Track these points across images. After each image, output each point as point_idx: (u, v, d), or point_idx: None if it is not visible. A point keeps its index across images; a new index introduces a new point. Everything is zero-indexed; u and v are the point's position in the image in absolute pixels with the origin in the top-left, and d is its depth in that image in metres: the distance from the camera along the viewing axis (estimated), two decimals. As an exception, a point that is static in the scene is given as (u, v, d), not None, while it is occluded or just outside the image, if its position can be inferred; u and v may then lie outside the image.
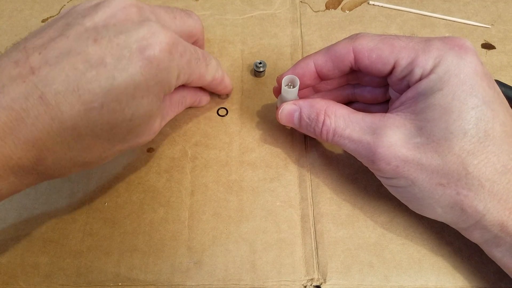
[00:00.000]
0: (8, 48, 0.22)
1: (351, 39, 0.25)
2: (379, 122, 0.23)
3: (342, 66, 0.26)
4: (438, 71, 0.22)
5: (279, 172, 0.30)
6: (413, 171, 0.22)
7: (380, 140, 0.23)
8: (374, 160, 0.23)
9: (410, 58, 0.23)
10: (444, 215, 0.23)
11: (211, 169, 0.30)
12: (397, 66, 0.23)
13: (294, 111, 0.27)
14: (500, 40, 0.37)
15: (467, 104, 0.21)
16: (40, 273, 0.26)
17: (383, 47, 0.24)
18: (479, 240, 0.23)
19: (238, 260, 0.27)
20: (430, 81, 0.22)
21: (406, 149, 0.22)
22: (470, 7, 0.39)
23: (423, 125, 0.22)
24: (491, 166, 0.21)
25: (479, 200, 0.21)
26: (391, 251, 0.27)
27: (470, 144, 0.21)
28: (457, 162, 0.21)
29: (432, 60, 0.22)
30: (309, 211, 0.29)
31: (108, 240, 0.27)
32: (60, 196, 0.29)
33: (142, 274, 0.26)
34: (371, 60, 0.24)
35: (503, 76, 0.35)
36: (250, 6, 0.39)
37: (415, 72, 0.23)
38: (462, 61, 0.22)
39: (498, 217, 0.21)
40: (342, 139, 0.25)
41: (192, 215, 0.29)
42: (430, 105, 0.22)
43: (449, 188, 0.22)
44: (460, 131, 0.21)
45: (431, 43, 0.23)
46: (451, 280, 0.26)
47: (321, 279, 0.26)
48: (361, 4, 0.39)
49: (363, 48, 0.24)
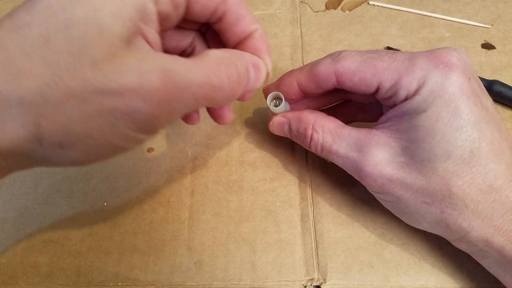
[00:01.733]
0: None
1: (333, 59, 0.24)
2: (365, 139, 0.23)
3: (326, 87, 0.25)
4: (422, 92, 0.21)
5: (279, 172, 0.30)
6: (398, 189, 0.22)
7: (365, 158, 0.23)
8: (361, 177, 0.24)
9: (393, 80, 0.22)
10: (430, 229, 0.24)
11: (211, 169, 0.30)
12: (381, 88, 0.23)
13: (284, 123, 0.27)
14: (500, 40, 0.37)
15: (451, 126, 0.21)
16: (40, 273, 0.26)
17: (365, 69, 0.23)
18: (467, 251, 0.24)
19: (238, 260, 0.27)
20: (414, 103, 0.22)
21: (390, 168, 0.22)
22: (470, 7, 0.39)
23: (407, 145, 0.22)
24: (476, 186, 0.21)
25: (463, 219, 0.21)
26: (391, 251, 0.27)
27: (455, 166, 0.21)
28: (440, 183, 0.21)
29: (416, 81, 0.22)
30: (309, 211, 0.29)
31: (108, 240, 0.27)
32: (60, 196, 0.29)
33: (142, 274, 0.26)
34: (354, 83, 0.24)
35: (503, 76, 0.35)
36: (250, 6, 0.39)
37: (399, 94, 0.22)
38: (447, 81, 0.21)
39: (483, 234, 0.21)
40: (330, 154, 0.25)
41: (192, 215, 0.29)
42: (414, 126, 0.21)
43: (433, 207, 0.22)
44: (443, 153, 0.21)
45: (415, 62, 0.22)
46: (451, 280, 0.26)
47: (321, 279, 0.26)
48: (361, 4, 0.39)
49: (345, 71, 0.24)
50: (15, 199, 0.29)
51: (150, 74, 0.16)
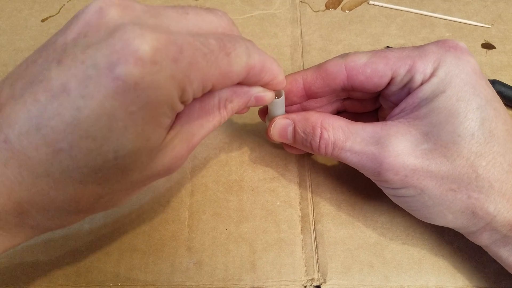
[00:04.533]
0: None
1: (341, 57, 0.24)
2: (381, 131, 0.22)
3: (334, 85, 0.24)
4: (439, 73, 0.21)
5: (279, 172, 0.30)
6: (422, 180, 0.22)
7: (386, 150, 0.22)
8: (380, 172, 0.22)
9: (407, 65, 0.22)
10: (454, 221, 0.23)
11: (211, 169, 0.30)
12: (395, 76, 0.23)
13: (288, 125, 0.25)
14: (500, 40, 0.37)
15: (471, 104, 0.21)
16: (40, 273, 0.26)
17: (377, 60, 0.23)
18: (486, 242, 0.23)
19: (238, 260, 0.27)
20: (432, 85, 0.21)
21: (414, 157, 0.22)
22: (470, 7, 0.39)
23: (429, 130, 0.21)
24: (499, 166, 0.21)
25: (490, 201, 0.21)
26: (391, 251, 0.27)
27: (478, 146, 0.21)
28: (466, 165, 0.21)
29: (431, 63, 0.22)
30: (309, 211, 0.29)
31: (108, 240, 0.27)
32: (60, 196, 0.29)
33: (142, 274, 0.26)
34: (366, 75, 0.23)
35: (503, 76, 0.35)
36: (250, 6, 0.39)
37: (416, 78, 0.22)
38: (461, 61, 0.21)
39: (508, 217, 0.21)
40: (343, 152, 0.24)
41: (192, 215, 0.28)
42: (434, 108, 0.21)
43: (460, 193, 0.21)
44: (467, 133, 0.21)
45: (425, 48, 0.22)
46: (451, 280, 0.26)
47: (321, 279, 0.26)
48: (361, 4, 0.39)
49: (356, 64, 0.23)
50: (15, 199, 0.29)
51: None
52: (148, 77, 0.16)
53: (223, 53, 0.18)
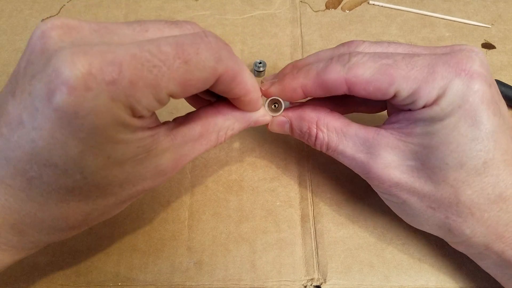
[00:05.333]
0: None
1: (343, 66, 0.22)
2: (373, 140, 0.23)
3: (334, 93, 0.23)
4: (442, 103, 0.20)
5: (279, 172, 0.30)
6: (405, 193, 0.22)
7: (374, 160, 0.22)
8: (368, 178, 0.24)
9: (411, 89, 0.21)
10: (431, 231, 0.24)
11: (211, 169, 0.30)
12: (397, 96, 0.21)
13: (285, 123, 0.25)
14: (500, 40, 0.37)
15: (467, 136, 0.20)
16: (40, 273, 0.26)
17: (381, 78, 0.21)
18: (465, 252, 0.24)
19: (238, 260, 0.27)
20: (432, 112, 0.21)
21: (399, 171, 0.22)
22: (470, 7, 0.39)
23: (418, 150, 0.21)
24: (485, 196, 0.21)
25: (467, 226, 0.22)
26: (391, 251, 0.27)
27: (466, 176, 0.21)
28: (449, 191, 0.21)
29: (436, 91, 0.20)
30: (309, 211, 0.29)
31: (108, 240, 0.27)
32: (60, 196, 0.29)
33: (142, 274, 0.26)
34: (368, 92, 0.22)
35: (503, 76, 0.35)
36: (250, 6, 0.39)
37: (418, 103, 0.21)
38: (469, 91, 0.20)
39: (484, 241, 0.22)
40: (336, 154, 0.24)
41: (192, 215, 0.28)
42: (429, 133, 0.21)
43: (438, 212, 0.22)
44: (456, 163, 0.20)
45: (435, 70, 0.20)
46: (451, 280, 0.26)
47: (321, 279, 0.26)
48: (361, 4, 0.39)
49: (358, 81, 0.21)
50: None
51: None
52: (86, 103, 0.15)
53: (180, 60, 0.17)
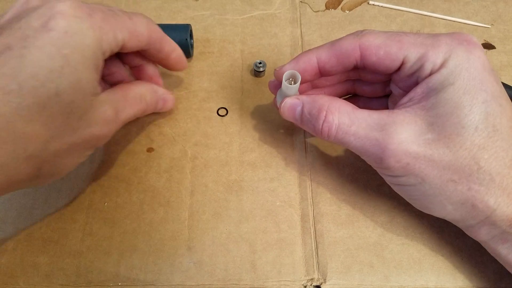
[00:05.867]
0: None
1: (356, 35, 0.24)
2: (387, 118, 0.23)
3: (347, 63, 0.25)
4: (449, 65, 0.22)
5: (279, 172, 0.30)
6: (424, 168, 0.22)
7: (389, 136, 0.22)
8: (383, 158, 0.23)
9: (419, 53, 0.23)
10: (453, 212, 0.23)
11: (211, 169, 0.30)
12: (406, 62, 0.23)
13: (297, 105, 0.26)
14: (500, 40, 0.37)
15: (477, 98, 0.21)
16: (40, 273, 0.26)
17: (391, 43, 0.23)
18: (485, 238, 0.23)
19: (238, 260, 0.27)
20: (441, 76, 0.22)
21: (416, 145, 0.22)
22: (470, 7, 0.39)
23: (434, 120, 0.22)
24: (501, 160, 0.21)
25: (490, 194, 0.21)
26: (391, 251, 0.27)
27: (481, 139, 0.21)
28: (468, 157, 0.21)
29: (442, 54, 0.22)
30: (309, 211, 0.29)
31: (108, 240, 0.27)
32: (60, 196, 0.29)
33: (142, 274, 0.26)
34: (378, 57, 0.24)
35: (503, 76, 0.35)
36: (250, 6, 0.39)
37: (425, 67, 0.22)
38: (472, 56, 0.22)
39: (508, 212, 0.21)
40: (347, 136, 0.24)
41: (192, 215, 0.28)
42: (442, 99, 0.22)
43: (460, 184, 0.22)
44: (471, 126, 0.21)
45: (439, 38, 0.23)
46: (451, 280, 0.26)
47: (321, 279, 0.26)
48: (361, 4, 0.39)
49: (370, 45, 0.24)
50: (15, 199, 0.29)
51: (108, 115, 0.24)
52: (74, 25, 0.21)
53: (127, 16, 0.24)
